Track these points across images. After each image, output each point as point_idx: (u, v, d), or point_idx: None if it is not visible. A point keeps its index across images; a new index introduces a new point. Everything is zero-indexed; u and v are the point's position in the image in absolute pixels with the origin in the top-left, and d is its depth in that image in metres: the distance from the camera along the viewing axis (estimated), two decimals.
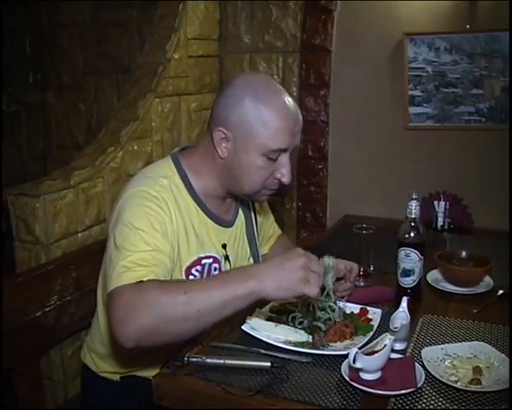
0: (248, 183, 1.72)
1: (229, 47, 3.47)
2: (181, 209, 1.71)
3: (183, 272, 1.71)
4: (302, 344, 1.64)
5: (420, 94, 3.03)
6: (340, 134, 3.29)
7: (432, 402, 1.37)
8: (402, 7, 3.01)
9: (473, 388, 1.41)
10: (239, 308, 1.46)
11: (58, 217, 2.44)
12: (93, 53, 3.99)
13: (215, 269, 1.79)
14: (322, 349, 1.61)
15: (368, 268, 2.12)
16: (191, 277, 1.72)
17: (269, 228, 2.21)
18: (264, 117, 1.65)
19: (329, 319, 1.73)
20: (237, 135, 1.68)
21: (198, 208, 1.77)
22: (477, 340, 1.65)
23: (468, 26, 2.87)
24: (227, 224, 1.87)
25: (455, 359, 1.54)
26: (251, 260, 1.97)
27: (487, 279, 2.11)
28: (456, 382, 1.43)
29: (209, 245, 1.79)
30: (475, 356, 1.55)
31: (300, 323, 1.73)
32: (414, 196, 1.89)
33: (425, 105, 3.03)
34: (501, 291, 2.02)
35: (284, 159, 1.71)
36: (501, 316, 1.83)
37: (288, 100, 1.70)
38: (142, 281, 1.43)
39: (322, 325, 1.69)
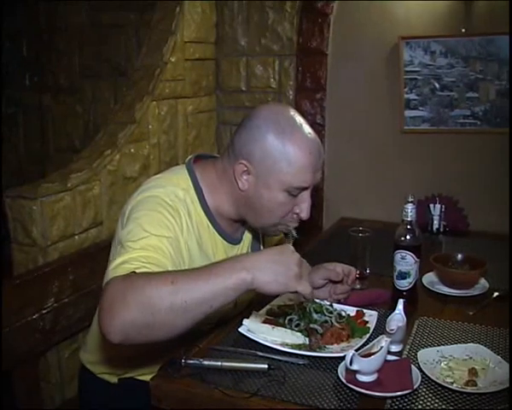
0: (267, 217, 1.71)
1: (225, 50, 3.47)
2: (193, 223, 1.69)
3: None
4: (299, 346, 1.65)
5: (415, 97, 3.04)
6: (336, 137, 3.30)
7: (428, 404, 1.38)
8: (398, 11, 3.03)
9: (468, 389, 1.42)
10: (229, 300, 1.38)
11: (55, 219, 2.45)
12: (90, 55, 3.98)
13: None
14: (319, 351, 1.62)
15: (364, 271, 2.13)
16: None
17: None
18: (289, 154, 1.63)
19: (326, 321, 1.73)
20: (260, 169, 1.66)
21: (209, 224, 1.76)
22: (473, 342, 1.66)
23: (463, 30, 2.89)
24: (236, 241, 1.87)
25: (451, 361, 1.55)
26: None
27: (483, 282, 2.12)
28: (452, 383, 1.44)
29: (213, 261, 1.72)
30: (471, 358, 1.56)
31: (297, 325, 1.74)
32: (410, 199, 1.90)
33: (420, 108, 3.05)
34: (496, 293, 2.03)
35: (305, 195, 1.70)
36: (496, 318, 1.85)
37: (312, 135, 1.68)
38: (133, 272, 1.38)
39: (319, 328, 1.70)
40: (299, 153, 1.63)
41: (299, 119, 1.70)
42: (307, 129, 1.69)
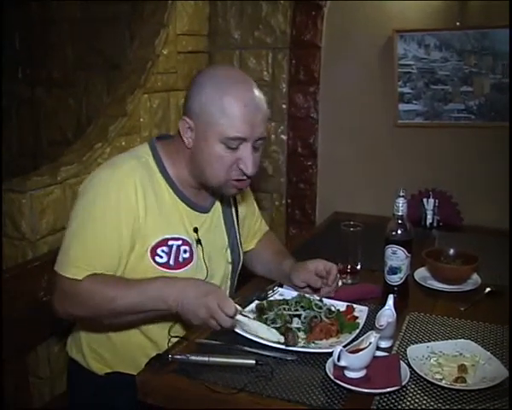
0: (211, 173, 1.75)
1: (218, 43, 3.45)
2: (147, 189, 1.75)
3: (149, 252, 1.75)
4: (275, 343, 1.62)
5: (409, 91, 3.02)
6: (329, 131, 3.29)
7: (416, 401, 1.37)
8: (392, 3, 3.00)
9: (457, 386, 1.41)
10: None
11: (45, 213, 2.43)
12: (83, 48, 3.96)
13: (185, 251, 1.81)
14: (308, 347, 1.60)
15: (355, 265, 2.12)
16: (157, 257, 1.76)
17: (254, 223, 2.23)
18: (223, 104, 1.67)
19: (315, 316, 1.72)
20: (199, 124, 1.71)
21: (170, 190, 1.81)
22: (463, 338, 1.65)
23: (457, 23, 2.87)
24: (202, 209, 1.90)
25: (440, 357, 1.54)
26: (228, 252, 1.99)
27: (475, 277, 2.11)
28: (441, 380, 1.43)
29: (178, 227, 1.81)
30: (461, 354, 1.55)
31: (273, 322, 1.72)
32: (401, 194, 1.87)
33: (414, 102, 3.03)
34: (488, 289, 2.02)
35: (245, 150, 1.72)
36: (488, 314, 1.84)
37: (252, 90, 1.72)
38: (80, 280, 1.64)
39: (294, 328, 1.69)
40: (233, 103, 1.68)
41: (241, 76, 1.77)
42: (248, 86, 1.73)
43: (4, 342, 2.13)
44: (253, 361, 1.51)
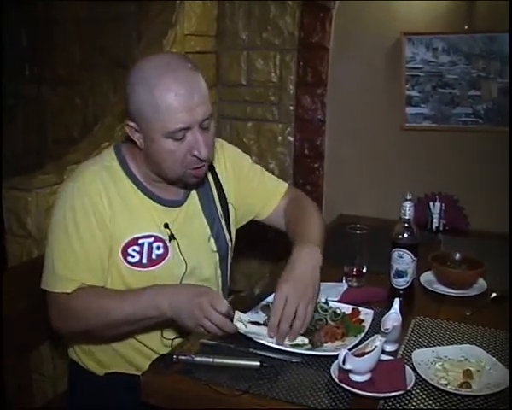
0: (167, 168, 1.74)
1: (226, 44, 3.45)
2: (111, 192, 1.76)
3: (120, 253, 1.76)
4: (300, 346, 1.62)
5: (417, 94, 3.01)
6: (336, 133, 3.28)
7: (421, 405, 1.36)
8: (400, 6, 2.99)
9: (462, 391, 1.40)
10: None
11: (50, 211, 2.43)
12: (90, 47, 3.97)
13: (158, 248, 1.81)
14: (313, 350, 1.60)
15: (361, 268, 2.11)
16: (129, 257, 1.77)
17: (267, 180, 2.18)
18: (155, 100, 1.64)
19: (320, 319, 1.71)
20: (140, 124, 1.70)
21: (137, 190, 1.82)
22: (469, 343, 1.64)
23: (466, 27, 2.86)
24: (173, 204, 1.88)
25: (445, 362, 1.53)
26: (212, 242, 1.97)
27: (481, 282, 2.10)
28: (446, 385, 1.42)
29: (148, 225, 1.81)
30: (466, 359, 1.54)
31: None
32: (408, 197, 1.87)
33: (422, 105, 3.02)
34: (494, 294, 2.01)
35: (193, 136, 1.69)
36: (493, 319, 1.83)
37: (181, 76, 1.67)
38: (70, 293, 1.70)
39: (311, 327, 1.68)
40: (164, 96, 1.64)
41: (167, 64, 1.69)
42: (176, 73, 1.67)
43: (7, 341, 2.13)
44: (258, 363, 1.50)
